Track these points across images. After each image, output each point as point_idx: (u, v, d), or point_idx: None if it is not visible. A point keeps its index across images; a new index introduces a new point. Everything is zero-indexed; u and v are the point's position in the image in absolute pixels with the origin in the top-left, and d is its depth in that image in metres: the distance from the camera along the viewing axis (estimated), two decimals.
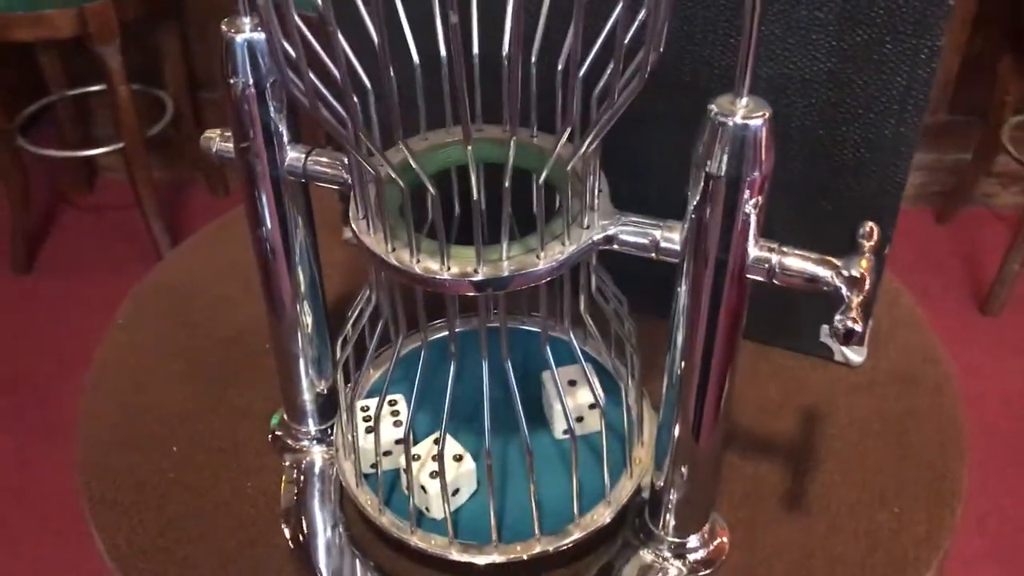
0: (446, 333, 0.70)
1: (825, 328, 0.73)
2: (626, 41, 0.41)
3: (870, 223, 0.49)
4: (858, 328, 0.43)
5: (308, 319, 0.60)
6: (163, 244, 2.02)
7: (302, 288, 0.58)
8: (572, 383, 0.61)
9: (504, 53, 0.53)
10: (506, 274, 0.47)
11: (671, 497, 0.57)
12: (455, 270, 0.47)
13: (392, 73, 0.43)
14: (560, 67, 0.53)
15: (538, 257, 0.47)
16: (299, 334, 0.61)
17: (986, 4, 1.93)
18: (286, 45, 0.42)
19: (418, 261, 0.47)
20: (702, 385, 0.51)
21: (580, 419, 0.61)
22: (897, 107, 0.61)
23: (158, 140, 2.11)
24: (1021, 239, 1.89)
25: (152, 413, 0.70)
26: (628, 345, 0.58)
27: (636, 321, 0.59)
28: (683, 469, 0.55)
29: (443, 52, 0.54)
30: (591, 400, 0.61)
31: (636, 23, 0.43)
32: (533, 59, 0.54)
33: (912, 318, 0.78)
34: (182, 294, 0.81)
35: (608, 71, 0.43)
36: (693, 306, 0.48)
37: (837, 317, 0.44)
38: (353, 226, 0.50)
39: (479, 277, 0.47)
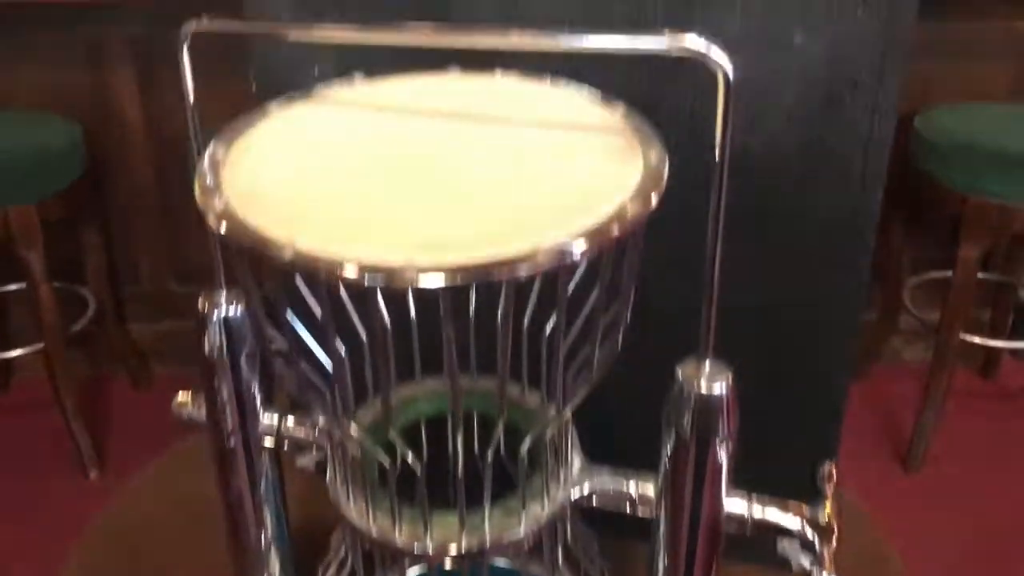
0: None
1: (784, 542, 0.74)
2: (600, 331, 0.44)
3: (829, 463, 0.51)
4: None
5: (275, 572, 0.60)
6: (84, 444, 1.95)
7: (272, 555, 0.58)
8: None
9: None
10: (488, 544, 0.48)
11: None
12: (438, 538, 0.48)
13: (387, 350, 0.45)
14: (544, 340, 0.55)
15: (519, 521, 0.49)
16: None
17: None
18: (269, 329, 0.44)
19: (400, 532, 0.48)
20: None
21: None
22: (829, 331, 0.65)
23: (79, 336, 2.07)
24: (931, 394, 1.96)
25: None
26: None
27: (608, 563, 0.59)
28: None
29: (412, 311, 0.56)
30: None
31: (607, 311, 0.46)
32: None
33: (858, 516, 0.81)
34: (132, 539, 0.79)
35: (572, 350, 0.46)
36: (670, 556, 0.50)
37: (812, 570, 0.46)
38: (330, 492, 0.51)
39: (462, 549, 0.47)
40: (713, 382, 0.45)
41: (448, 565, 0.48)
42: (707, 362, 0.46)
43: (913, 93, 1.97)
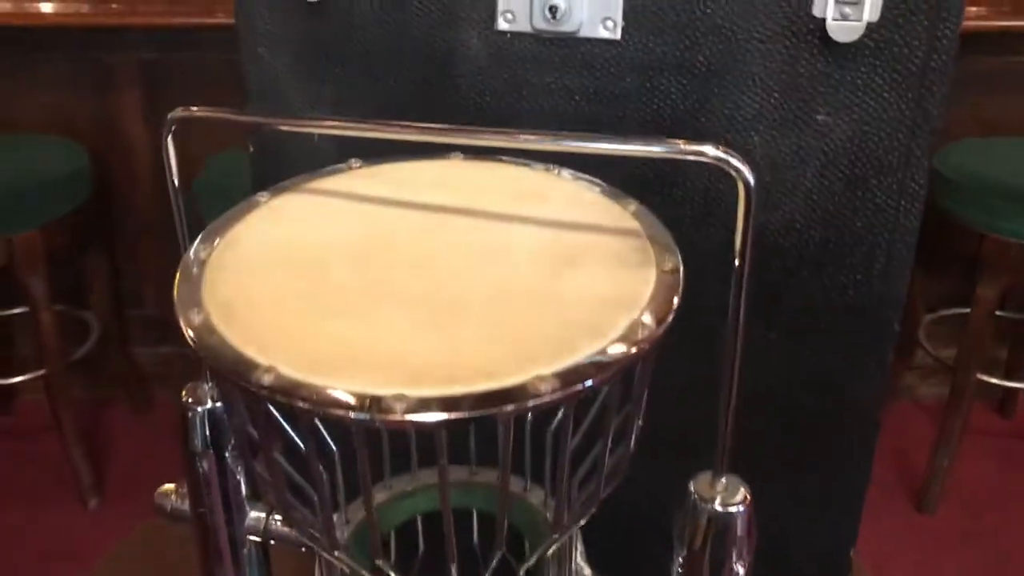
0: None
1: None
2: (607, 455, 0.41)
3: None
4: None
5: None
6: (83, 472, 1.93)
7: None
8: None
9: None
10: None
11: None
12: None
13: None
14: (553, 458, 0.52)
15: None
16: None
17: None
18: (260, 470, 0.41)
19: None
20: None
21: None
22: (850, 418, 0.62)
23: (81, 360, 2.05)
24: (946, 434, 1.92)
25: None
26: None
27: None
28: None
29: None
30: None
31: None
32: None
33: None
34: None
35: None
36: None
37: None
38: None
39: None
40: (729, 500, 0.42)
41: None
42: (723, 479, 0.43)
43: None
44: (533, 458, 0.53)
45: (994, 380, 1.95)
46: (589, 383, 0.34)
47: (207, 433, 0.49)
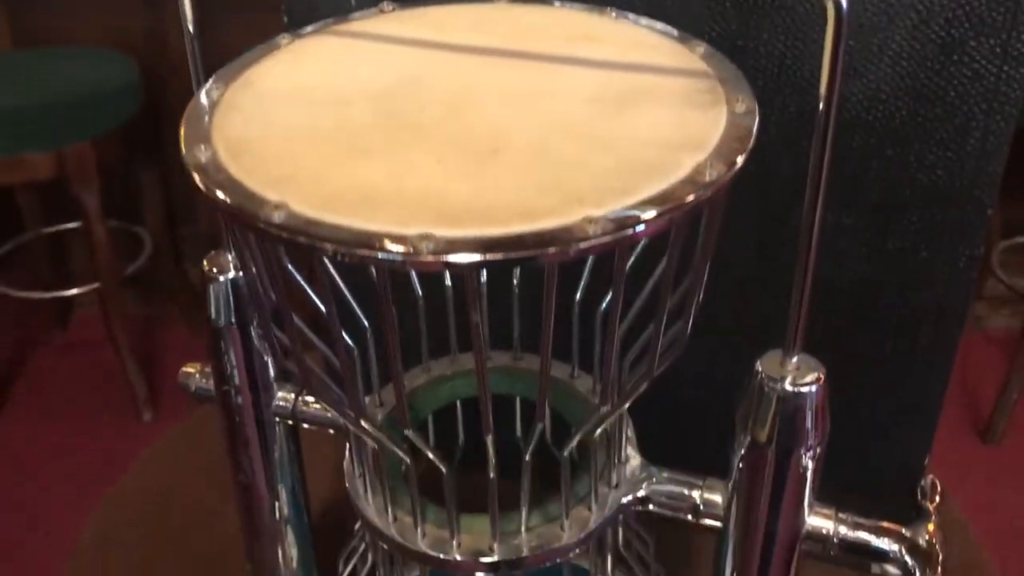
0: None
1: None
2: (666, 311, 0.36)
3: (932, 478, 0.43)
4: None
5: (293, 561, 0.54)
6: (138, 385, 1.95)
7: (288, 539, 0.52)
8: None
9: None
10: (525, 552, 0.41)
11: None
12: (467, 545, 0.41)
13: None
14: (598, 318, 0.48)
15: (562, 528, 0.42)
16: None
17: None
18: (277, 334, 0.37)
19: (423, 535, 0.41)
20: None
21: None
22: (933, 316, 0.57)
23: (135, 276, 2.06)
24: (1018, 364, 1.86)
25: None
26: None
27: (663, 569, 0.52)
28: None
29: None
30: None
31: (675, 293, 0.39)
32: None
33: (950, 517, 0.72)
34: (154, 503, 0.74)
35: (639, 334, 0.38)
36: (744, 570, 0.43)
37: None
38: (348, 485, 0.44)
39: (494, 557, 0.41)
40: (801, 381, 0.37)
41: (480, 572, 0.41)
42: (795, 357, 0.38)
43: None
44: (581, 346, 0.49)
45: None
46: (643, 227, 0.29)
47: (230, 304, 0.45)
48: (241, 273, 0.45)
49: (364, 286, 0.42)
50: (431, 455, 0.39)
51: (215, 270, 0.45)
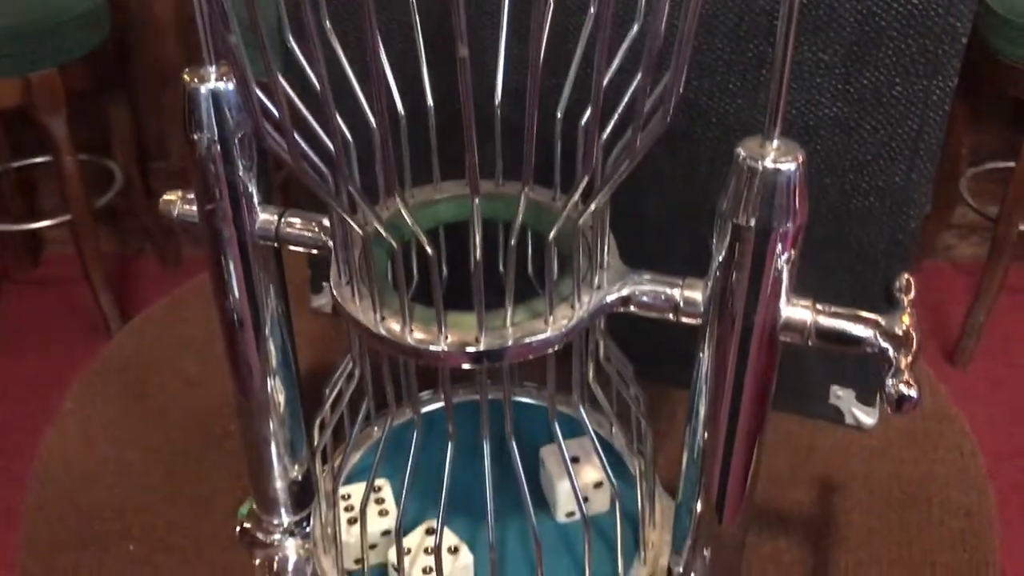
0: (435, 407, 0.64)
1: (835, 389, 0.68)
2: (647, 96, 0.37)
3: (906, 275, 0.44)
4: (913, 393, 0.39)
5: (280, 397, 0.54)
6: (112, 319, 1.94)
7: (273, 363, 0.52)
8: (575, 460, 0.56)
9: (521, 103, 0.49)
10: (510, 343, 0.41)
11: None
12: (453, 340, 0.42)
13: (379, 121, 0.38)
14: (559, 116, 0.48)
15: (546, 323, 0.42)
16: (270, 414, 0.54)
17: None
18: (260, 94, 0.37)
19: (411, 331, 0.42)
20: (727, 458, 0.46)
21: (585, 499, 0.56)
22: (908, 152, 0.57)
23: (106, 212, 2.04)
24: (983, 291, 1.89)
25: (105, 508, 0.63)
26: (637, 413, 0.53)
27: (643, 392, 0.53)
28: (706, 552, 0.50)
29: (430, 102, 0.49)
30: (596, 479, 0.55)
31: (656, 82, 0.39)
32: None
33: (928, 379, 0.74)
34: (136, 374, 0.74)
35: (613, 120, 0.39)
36: (718, 371, 0.43)
37: (888, 382, 0.39)
38: (335, 293, 0.45)
39: (480, 347, 0.41)
40: (781, 159, 0.38)
41: (466, 365, 0.42)
42: (775, 140, 0.38)
43: None
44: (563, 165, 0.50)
45: None
46: None
47: (211, 117, 0.45)
48: (223, 85, 0.45)
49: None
50: (418, 233, 0.40)
51: (196, 80, 0.45)
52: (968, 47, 0.54)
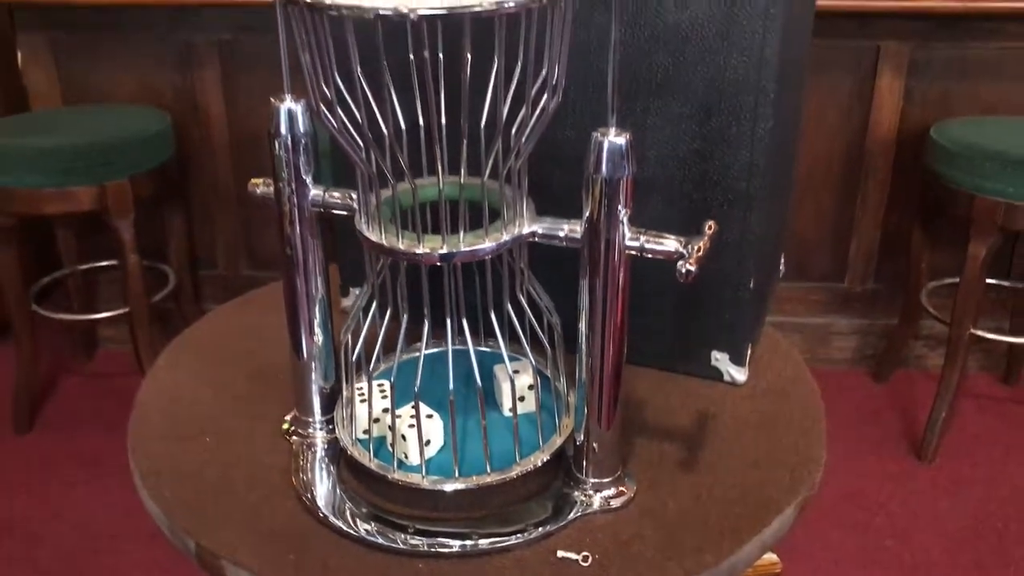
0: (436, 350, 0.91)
1: (715, 354, 0.93)
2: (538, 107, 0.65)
3: (711, 222, 0.71)
4: (693, 268, 0.65)
5: (317, 324, 0.81)
6: None
7: (315, 296, 0.79)
8: (516, 372, 0.82)
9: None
10: (462, 248, 0.69)
11: (592, 447, 0.76)
12: (427, 248, 0.69)
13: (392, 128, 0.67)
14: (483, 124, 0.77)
15: (484, 241, 0.69)
16: (313, 335, 0.81)
17: (899, 185, 2.23)
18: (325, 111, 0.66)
19: (402, 244, 0.69)
20: (604, 341, 0.72)
21: (522, 399, 0.81)
22: (745, 172, 0.85)
23: (158, 312, 2.29)
24: (943, 387, 2.07)
25: (189, 417, 0.89)
26: (550, 321, 0.78)
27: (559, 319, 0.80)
28: (598, 425, 0.75)
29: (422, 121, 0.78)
30: (529, 383, 0.81)
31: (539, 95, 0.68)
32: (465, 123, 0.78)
33: (787, 354, 0.99)
34: (210, 345, 1.01)
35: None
36: (591, 281, 0.70)
37: (679, 264, 0.66)
38: (359, 228, 0.72)
39: (444, 251, 0.69)
40: (618, 136, 0.66)
41: (435, 262, 0.69)
42: (613, 126, 0.66)
43: (935, 109, 2.14)
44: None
45: (989, 335, 2.11)
46: None
47: (286, 126, 0.74)
48: (295, 105, 0.73)
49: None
50: (403, 163, 0.68)
51: (278, 102, 0.74)
52: (920, 179, 0.80)
